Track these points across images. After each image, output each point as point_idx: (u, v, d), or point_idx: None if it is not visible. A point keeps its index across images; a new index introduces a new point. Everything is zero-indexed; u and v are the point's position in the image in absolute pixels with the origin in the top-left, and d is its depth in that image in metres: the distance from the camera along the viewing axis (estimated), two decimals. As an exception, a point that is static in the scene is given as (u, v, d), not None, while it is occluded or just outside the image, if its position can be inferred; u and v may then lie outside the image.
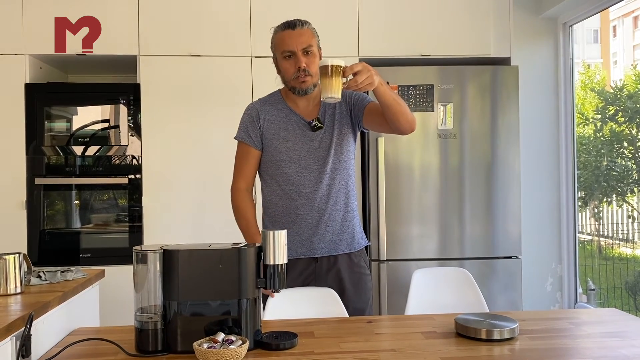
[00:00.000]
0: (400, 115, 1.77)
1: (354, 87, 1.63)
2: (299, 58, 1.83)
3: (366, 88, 1.65)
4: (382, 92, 1.71)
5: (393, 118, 1.78)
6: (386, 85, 1.73)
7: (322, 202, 1.90)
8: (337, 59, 1.62)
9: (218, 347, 1.31)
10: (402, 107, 1.78)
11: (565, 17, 3.51)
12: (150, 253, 1.40)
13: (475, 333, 1.48)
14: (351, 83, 1.63)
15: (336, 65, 1.60)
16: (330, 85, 1.60)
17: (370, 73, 1.63)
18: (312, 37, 1.85)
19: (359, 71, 1.62)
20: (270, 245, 1.43)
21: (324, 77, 1.61)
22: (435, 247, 3.12)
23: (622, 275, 4.32)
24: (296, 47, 1.82)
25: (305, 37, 1.83)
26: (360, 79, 1.62)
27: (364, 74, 1.62)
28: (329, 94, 1.61)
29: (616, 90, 4.18)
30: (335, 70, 1.60)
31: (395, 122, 1.79)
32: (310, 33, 1.86)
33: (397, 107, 1.76)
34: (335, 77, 1.60)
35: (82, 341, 1.46)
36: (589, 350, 1.42)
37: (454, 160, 3.14)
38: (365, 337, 1.53)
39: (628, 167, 4.14)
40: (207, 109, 3.14)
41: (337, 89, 1.61)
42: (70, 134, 3.10)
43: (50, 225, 3.09)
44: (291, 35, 1.83)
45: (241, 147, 1.96)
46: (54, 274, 1.75)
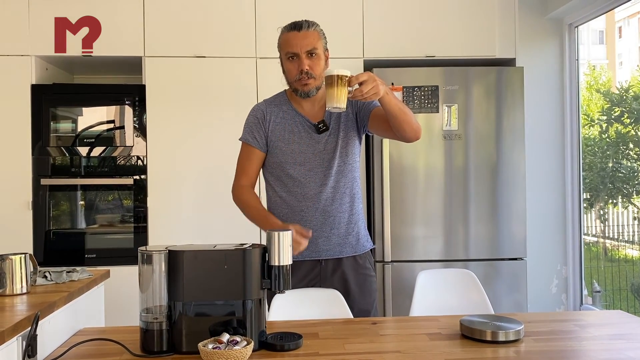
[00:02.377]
0: (405, 124, 1.77)
1: (360, 97, 1.64)
2: (302, 60, 1.82)
3: (372, 98, 1.65)
4: (388, 102, 1.71)
5: (398, 127, 1.78)
6: (392, 94, 1.73)
7: (326, 204, 1.90)
8: (342, 69, 1.63)
9: (223, 347, 1.31)
10: (407, 116, 1.77)
11: (570, 18, 3.50)
12: (156, 254, 1.40)
13: (480, 335, 1.48)
14: (356, 93, 1.63)
15: (342, 75, 1.61)
16: (335, 95, 1.62)
17: (375, 83, 1.63)
18: (317, 40, 1.85)
19: (364, 81, 1.62)
20: (275, 246, 1.43)
21: (329, 86, 1.63)
22: (440, 248, 3.12)
23: (627, 277, 4.30)
24: (300, 49, 1.82)
25: (310, 39, 1.82)
26: (365, 89, 1.62)
27: (369, 83, 1.62)
28: (335, 104, 1.63)
29: (622, 91, 4.17)
30: (341, 80, 1.61)
31: (401, 131, 1.79)
32: (317, 35, 1.85)
33: (402, 116, 1.76)
34: (340, 87, 1.61)
35: (87, 341, 1.47)
36: (595, 353, 1.41)
37: (459, 162, 3.14)
38: (370, 338, 1.53)
39: (634, 169, 4.12)
40: (212, 110, 3.15)
41: (342, 98, 1.62)
42: (76, 135, 3.11)
43: (55, 226, 3.10)
44: (296, 37, 1.83)
45: (245, 148, 1.96)
46: (59, 274, 1.76)
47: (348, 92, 1.63)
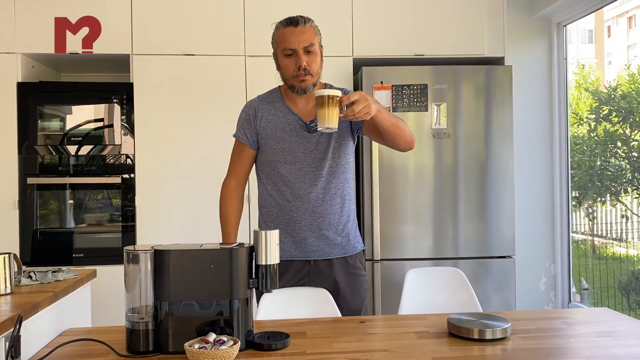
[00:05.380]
0: (398, 138, 1.82)
1: (351, 117, 1.66)
2: (299, 57, 1.81)
3: (363, 117, 1.67)
4: (380, 120, 1.73)
5: (392, 141, 1.83)
6: (385, 111, 1.74)
7: (317, 204, 1.89)
8: (333, 90, 1.65)
9: (209, 347, 1.30)
10: (400, 130, 1.80)
11: (559, 17, 3.52)
12: (142, 253, 1.39)
13: (467, 333, 1.48)
14: (348, 112, 1.65)
15: (333, 96, 1.63)
16: (327, 116, 1.64)
17: (367, 102, 1.64)
18: (314, 36, 1.83)
19: (356, 100, 1.63)
20: (262, 245, 1.42)
21: (320, 107, 1.64)
22: (429, 246, 3.13)
23: (615, 274, 4.33)
24: (297, 46, 1.80)
25: (307, 35, 1.81)
26: (357, 109, 1.63)
27: (360, 103, 1.63)
28: (326, 124, 1.65)
29: (610, 90, 4.19)
30: (332, 101, 1.63)
31: (395, 144, 1.85)
32: (313, 31, 1.83)
33: (395, 130, 1.79)
34: (331, 108, 1.63)
35: (72, 342, 1.45)
36: (581, 350, 1.42)
37: (448, 160, 3.14)
38: (358, 337, 1.53)
39: (622, 167, 4.15)
40: (201, 108, 3.13)
41: (334, 119, 1.65)
42: (64, 134, 3.08)
43: (43, 225, 3.07)
44: (293, 33, 1.81)
45: (237, 145, 1.96)
46: (44, 274, 1.74)
47: (339, 111, 1.65)
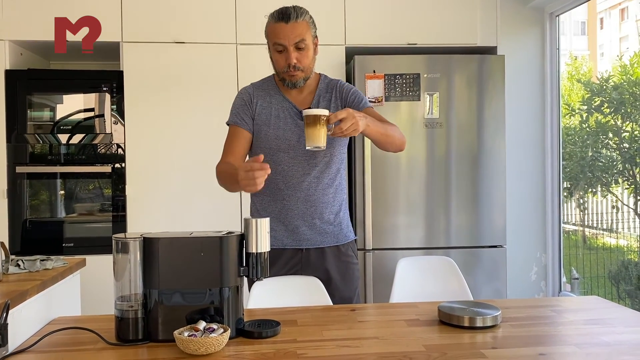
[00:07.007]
0: (389, 145, 1.85)
1: (339, 134, 1.66)
2: (289, 54, 1.79)
3: (352, 134, 1.68)
4: (369, 133, 1.75)
5: (382, 147, 1.87)
6: (373, 124, 1.74)
7: (309, 193, 1.89)
8: (321, 109, 1.66)
9: (199, 335, 1.30)
10: (390, 137, 1.82)
11: (551, 7, 3.51)
12: (131, 241, 1.38)
13: (458, 320, 1.48)
14: (336, 130, 1.66)
15: (321, 115, 1.64)
16: (315, 135, 1.65)
17: (355, 120, 1.64)
18: (306, 30, 1.80)
19: (343, 118, 1.64)
20: (252, 233, 1.41)
21: (308, 126, 1.65)
22: (421, 236, 3.13)
23: (605, 264, 4.37)
24: (288, 42, 1.78)
25: (298, 31, 1.78)
26: (345, 126, 1.64)
27: (348, 121, 1.64)
28: (315, 143, 1.66)
29: (602, 81, 4.21)
30: (320, 120, 1.64)
31: (385, 149, 1.89)
32: (305, 25, 1.80)
33: (385, 139, 1.82)
34: (320, 127, 1.65)
35: (61, 330, 1.44)
36: (570, 337, 1.42)
37: (440, 150, 3.14)
38: (349, 325, 1.53)
39: (613, 158, 4.18)
40: (192, 96, 3.11)
41: (322, 138, 1.66)
42: (54, 122, 3.05)
43: (33, 215, 3.05)
44: (284, 29, 1.78)
45: (232, 130, 1.91)
46: (33, 262, 1.72)
47: (328, 129, 1.66)
